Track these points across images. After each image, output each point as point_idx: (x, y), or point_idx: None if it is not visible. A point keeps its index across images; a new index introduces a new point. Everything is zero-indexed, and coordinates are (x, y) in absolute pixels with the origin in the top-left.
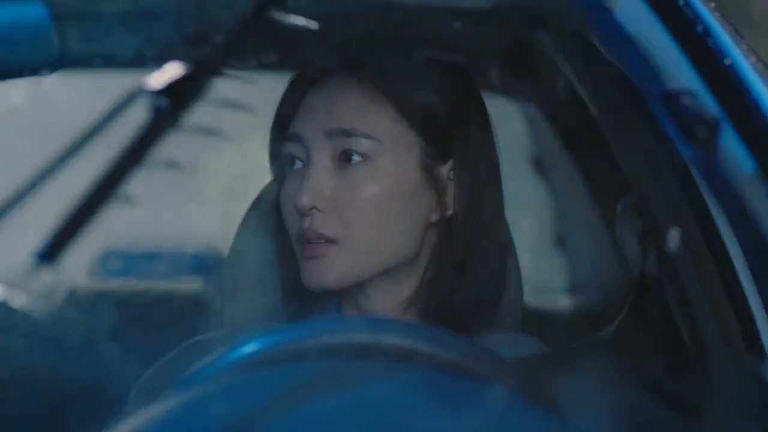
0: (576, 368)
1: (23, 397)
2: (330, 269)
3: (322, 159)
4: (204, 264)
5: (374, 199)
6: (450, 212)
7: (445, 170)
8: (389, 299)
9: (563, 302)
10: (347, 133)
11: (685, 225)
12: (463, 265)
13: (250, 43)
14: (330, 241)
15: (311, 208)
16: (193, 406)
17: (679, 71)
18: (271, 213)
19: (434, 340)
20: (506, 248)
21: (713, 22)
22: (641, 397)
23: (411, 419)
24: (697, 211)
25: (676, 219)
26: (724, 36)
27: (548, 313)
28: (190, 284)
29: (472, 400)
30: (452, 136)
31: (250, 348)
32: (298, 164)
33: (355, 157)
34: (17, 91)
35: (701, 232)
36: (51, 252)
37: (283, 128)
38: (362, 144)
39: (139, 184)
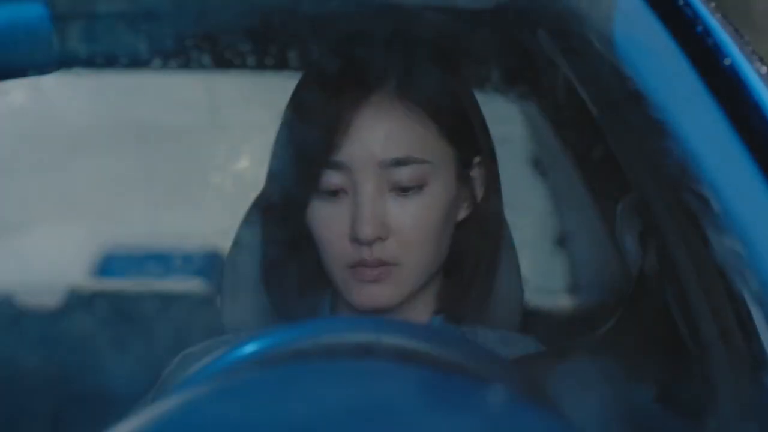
0: (572, 367)
1: (23, 397)
2: (389, 291)
3: (375, 187)
4: (204, 264)
5: (432, 222)
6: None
7: (471, 171)
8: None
9: (563, 302)
10: (402, 162)
11: (685, 225)
12: (488, 257)
13: (253, 44)
14: (390, 264)
15: (376, 239)
16: (192, 406)
17: (679, 71)
18: (268, 215)
19: (434, 340)
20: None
21: (713, 22)
22: (640, 397)
23: (411, 419)
24: (697, 211)
25: (676, 219)
26: (724, 36)
27: (548, 313)
28: (190, 284)
29: (472, 400)
30: (476, 138)
31: (249, 348)
32: (342, 192)
33: (408, 185)
34: (17, 91)
35: (701, 232)
36: None
37: (317, 152)
38: (418, 170)
39: (139, 184)
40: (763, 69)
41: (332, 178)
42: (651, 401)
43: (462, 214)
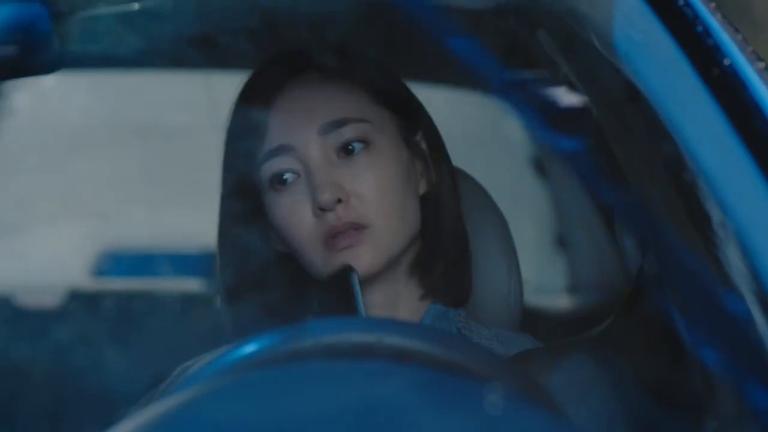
0: (569, 365)
1: (23, 396)
2: (367, 254)
3: (323, 156)
4: (204, 264)
5: (386, 179)
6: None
7: (418, 141)
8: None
9: (563, 302)
10: (341, 123)
11: (685, 225)
12: (454, 233)
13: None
14: (360, 227)
15: (337, 201)
16: (192, 406)
17: (679, 71)
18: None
19: (434, 340)
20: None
21: (713, 22)
22: (639, 396)
23: (411, 420)
24: (697, 212)
25: (676, 219)
26: (724, 36)
27: (548, 313)
28: (190, 284)
29: (472, 400)
30: (414, 108)
31: (249, 348)
32: (288, 176)
33: (356, 145)
34: (17, 91)
35: (701, 232)
36: None
37: (255, 145)
38: (358, 129)
39: (139, 184)
40: (760, 64)
41: (280, 165)
42: (650, 401)
43: (422, 187)
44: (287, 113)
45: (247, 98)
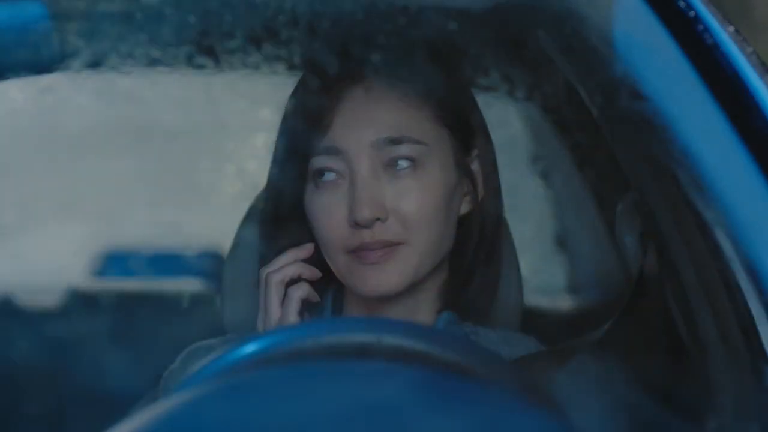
0: (572, 367)
1: (23, 397)
2: (393, 274)
3: (369, 169)
4: (204, 264)
5: (428, 202)
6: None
7: (470, 162)
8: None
9: (563, 302)
10: (397, 141)
11: (685, 225)
12: (489, 253)
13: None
14: (393, 245)
15: (375, 220)
16: (193, 406)
17: (679, 71)
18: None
19: (434, 340)
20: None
21: (713, 22)
22: (640, 397)
23: (411, 419)
24: (697, 212)
25: (676, 219)
26: (724, 36)
27: (548, 313)
28: (190, 284)
29: (472, 400)
30: (473, 127)
31: (250, 348)
32: (329, 176)
33: (402, 163)
34: (17, 91)
35: (701, 232)
36: None
37: (310, 140)
38: (413, 149)
39: (139, 184)
40: (752, 55)
41: (327, 163)
42: (650, 401)
43: (464, 207)
44: (348, 117)
45: (316, 87)
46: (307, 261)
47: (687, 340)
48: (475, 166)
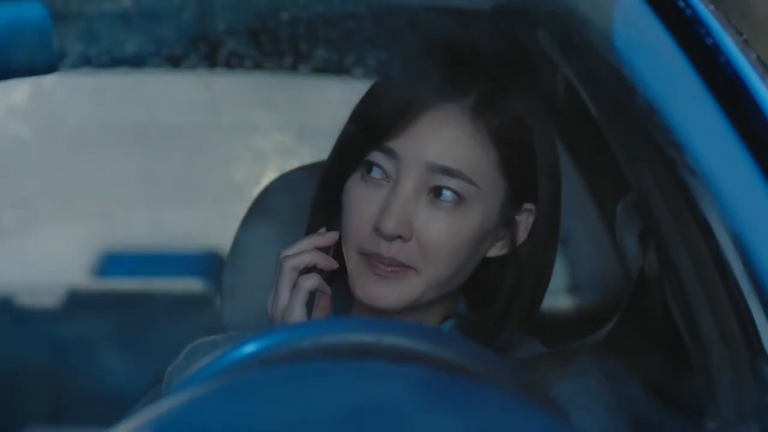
0: (575, 368)
1: (23, 396)
2: (396, 293)
3: (414, 187)
4: (204, 264)
5: (457, 241)
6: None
7: (517, 214)
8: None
9: (563, 302)
10: (450, 173)
11: (685, 225)
12: (524, 298)
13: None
14: (406, 268)
15: (397, 237)
16: (193, 406)
17: (679, 71)
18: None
19: (434, 340)
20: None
21: (713, 22)
22: (641, 397)
23: (411, 420)
24: (697, 211)
25: (676, 219)
26: (724, 36)
27: (548, 313)
28: (190, 284)
29: (473, 401)
30: (536, 185)
31: (250, 348)
32: (377, 172)
33: (447, 194)
34: (17, 91)
35: (701, 232)
36: None
37: (376, 136)
38: (463, 187)
39: (139, 184)
40: (753, 54)
41: (380, 160)
42: (651, 401)
43: (494, 251)
44: (421, 131)
45: (402, 102)
46: (330, 250)
47: (687, 340)
48: (522, 218)
